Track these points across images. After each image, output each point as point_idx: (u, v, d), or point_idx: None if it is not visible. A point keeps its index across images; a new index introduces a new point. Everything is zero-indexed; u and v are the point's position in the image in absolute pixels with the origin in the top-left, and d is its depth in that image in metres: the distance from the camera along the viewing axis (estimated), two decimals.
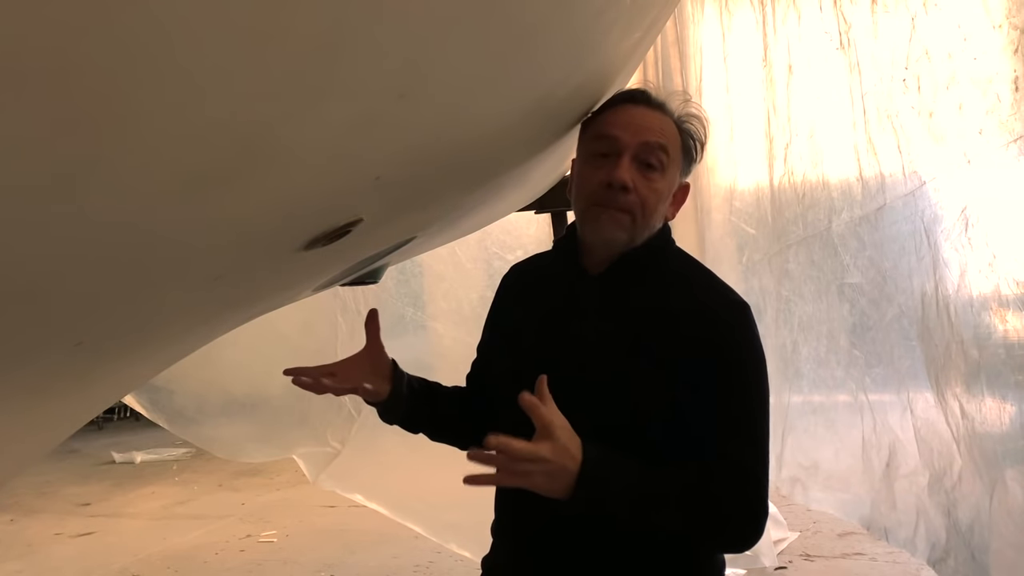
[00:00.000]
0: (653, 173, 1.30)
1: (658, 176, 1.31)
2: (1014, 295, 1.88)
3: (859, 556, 3.92)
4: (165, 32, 0.50)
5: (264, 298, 1.57)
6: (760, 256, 3.29)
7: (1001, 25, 1.86)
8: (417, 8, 0.69)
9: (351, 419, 3.77)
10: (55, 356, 0.97)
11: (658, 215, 1.34)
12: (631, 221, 1.31)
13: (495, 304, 1.58)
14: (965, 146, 2.02)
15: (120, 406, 7.59)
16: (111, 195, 0.65)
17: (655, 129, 1.31)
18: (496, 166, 1.49)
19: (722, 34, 3.46)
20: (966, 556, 2.16)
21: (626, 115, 1.34)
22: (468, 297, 3.81)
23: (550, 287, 1.45)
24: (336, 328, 3.78)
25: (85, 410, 1.63)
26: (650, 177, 1.30)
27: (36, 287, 0.73)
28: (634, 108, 1.34)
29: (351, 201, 1.07)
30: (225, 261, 1.02)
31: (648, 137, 1.30)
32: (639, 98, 1.36)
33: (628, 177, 1.28)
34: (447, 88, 0.89)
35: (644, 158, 1.30)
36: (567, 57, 1.18)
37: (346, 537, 4.70)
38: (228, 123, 0.65)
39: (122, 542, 5.04)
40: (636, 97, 1.36)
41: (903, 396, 2.44)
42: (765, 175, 3.16)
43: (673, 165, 1.33)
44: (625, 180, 1.28)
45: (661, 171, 1.31)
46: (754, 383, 1.32)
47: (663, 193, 1.32)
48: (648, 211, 1.31)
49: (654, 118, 1.33)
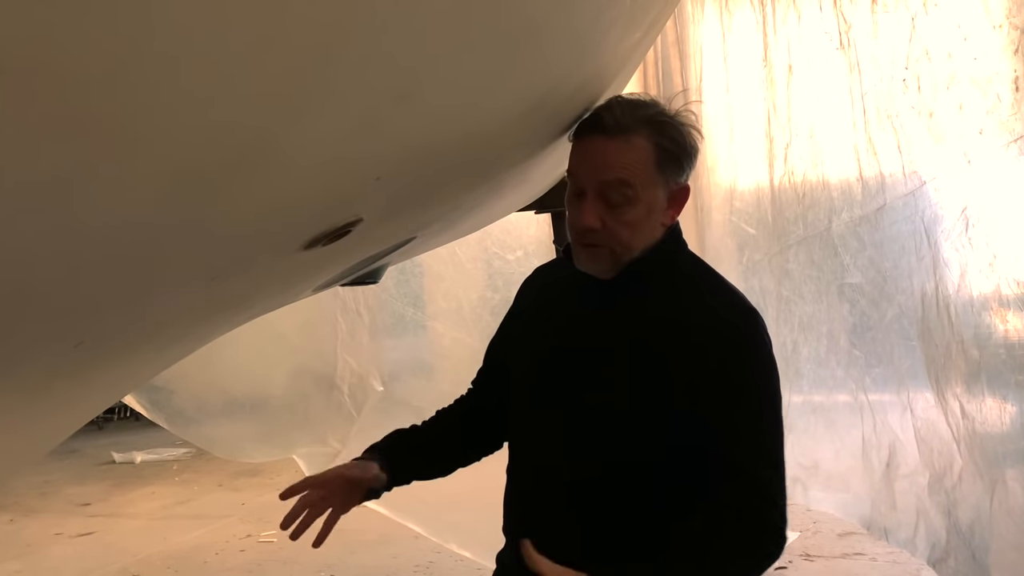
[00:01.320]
0: (620, 208, 1.29)
1: (627, 208, 1.29)
2: (1014, 295, 1.88)
3: (859, 556, 3.92)
4: (166, 33, 0.50)
5: (264, 298, 1.57)
6: (760, 256, 3.29)
7: (1001, 25, 1.86)
8: (417, 10, 0.69)
9: (351, 419, 3.77)
10: (56, 356, 0.97)
11: (643, 235, 1.33)
12: (609, 253, 1.32)
13: (514, 304, 1.58)
14: (965, 146, 2.02)
15: (120, 406, 7.57)
16: (112, 195, 0.65)
17: (611, 165, 1.29)
18: (496, 166, 1.49)
19: (722, 34, 3.46)
20: (966, 556, 2.16)
21: (585, 150, 1.32)
22: (468, 297, 3.81)
23: (564, 292, 1.46)
24: (336, 328, 3.78)
25: (85, 410, 1.63)
26: (617, 212, 1.29)
27: (37, 287, 0.73)
28: (591, 140, 1.31)
29: (351, 201, 1.07)
30: (225, 261, 1.02)
31: (605, 176, 1.28)
32: (595, 127, 1.32)
33: (592, 220, 1.29)
34: (447, 89, 0.89)
35: (606, 196, 1.29)
36: (567, 57, 1.18)
37: (346, 537, 4.67)
38: (228, 124, 0.65)
39: (122, 542, 5.04)
40: (593, 126, 1.32)
41: (903, 396, 2.44)
42: (765, 175, 3.16)
43: (646, 187, 1.30)
44: (589, 224, 1.29)
45: (629, 203, 1.29)
46: (764, 393, 1.32)
47: (638, 220, 1.31)
48: (624, 241, 1.31)
49: (611, 151, 1.29)
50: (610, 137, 1.29)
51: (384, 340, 3.93)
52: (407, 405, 3.77)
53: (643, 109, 1.32)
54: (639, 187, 1.29)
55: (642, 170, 1.30)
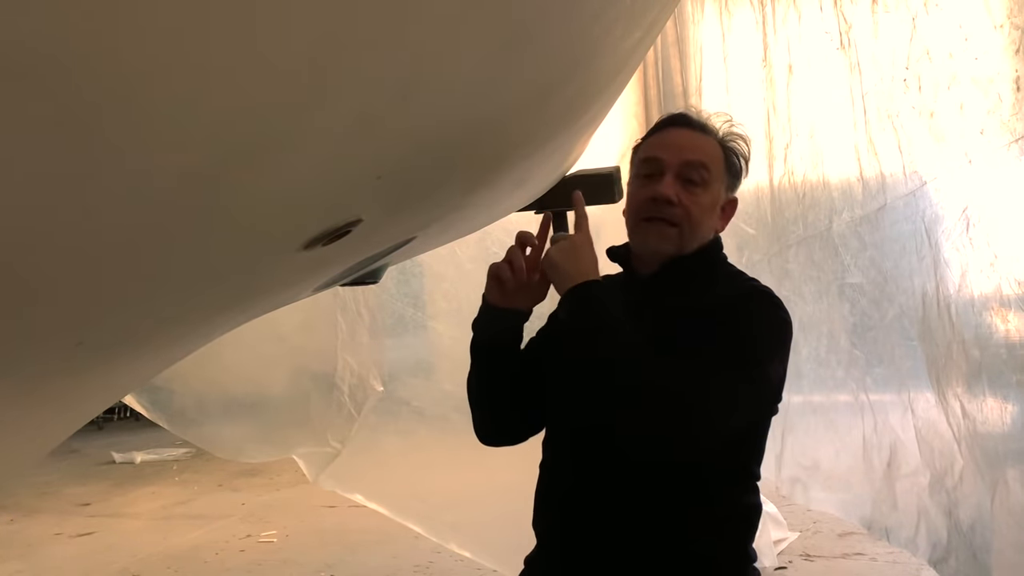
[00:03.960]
0: (696, 188, 1.41)
1: (701, 191, 1.41)
2: (1015, 295, 1.88)
3: (859, 556, 3.92)
4: (164, 29, 0.50)
5: (264, 298, 1.57)
6: (760, 256, 3.29)
7: (1002, 25, 1.86)
8: (418, 8, 0.69)
9: (351, 419, 3.77)
10: (55, 356, 0.97)
11: (705, 227, 1.44)
12: (678, 233, 1.41)
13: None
14: (966, 146, 2.02)
15: (120, 406, 7.58)
16: (112, 194, 0.65)
17: (695, 148, 1.43)
18: (497, 166, 1.49)
19: (722, 34, 3.46)
20: (967, 556, 2.16)
21: (669, 138, 1.46)
22: (468, 297, 3.80)
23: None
24: (336, 328, 3.77)
25: (85, 410, 1.63)
26: (693, 192, 1.41)
27: (37, 287, 0.73)
28: (676, 131, 1.47)
29: (351, 201, 1.07)
30: (225, 261, 1.01)
31: (688, 156, 1.42)
32: (681, 121, 1.48)
33: (672, 192, 1.40)
34: (448, 88, 0.89)
35: (686, 175, 1.41)
36: (567, 57, 1.18)
37: (346, 537, 4.69)
38: (228, 123, 0.65)
39: (122, 542, 5.04)
40: (678, 120, 1.49)
41: (904, 396, 2.44)
42: (765, 175, 3.15)
43: (716, 180, 1.43)
44: (669, 195, 1.40)
45: (703, 186, 1.41)
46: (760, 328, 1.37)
47: (707, 206, 1.42)
48: (694, 222, 1.41)
49: (695, 138, 1.45)
50: (693, 130, 1.47)
51: (384, 340, 3.92)
52: (407, 405, 3.77)
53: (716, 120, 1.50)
54: (712, 176, 1.43)
55: (716, 163, 1.44)
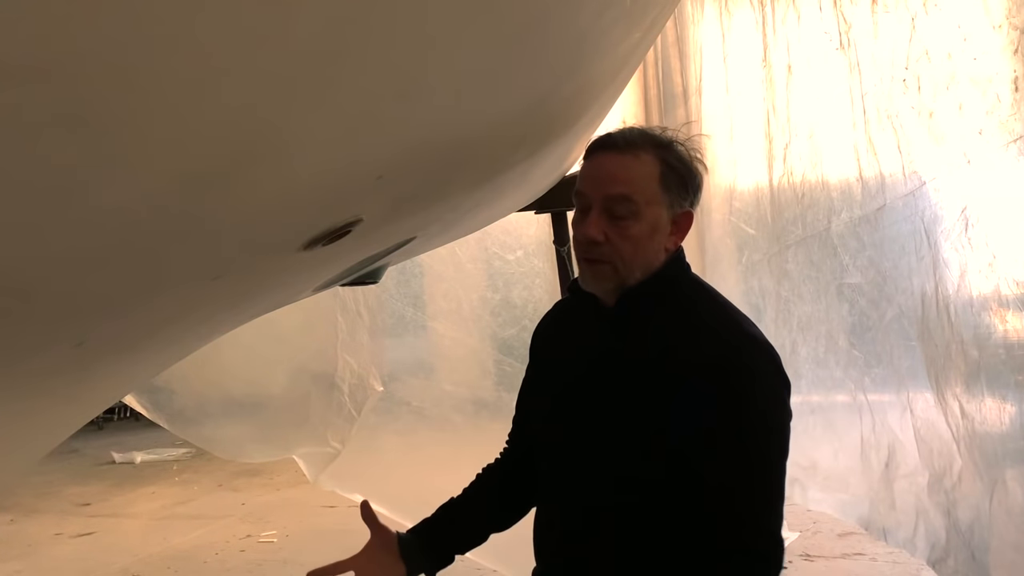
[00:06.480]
0: (623, 221, 1.31)
1: (630, 222, 1.31)
2: (1014, 295, 1.88)
3: (859, 556, 3.92)
4: (168, 31, 0.50)
5: (264, 298, 1.57)
6: (760, 256, 3.29)
7: (1001, 25, 1.86)
8: (418, 9, 0.69)
9: (351, 419, 3.77)
10: (57, 356, 0.98)
11: (647, 253, 1.34)
12: (612, 270, 1.33)
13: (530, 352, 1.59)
14: (965, 146, 2.02)
15: (120, 406, 7.57)
16: (113, 195, 0.65)
17: (616, 180, 1.31)
18: (497, 166, 1.50)
19: (722, 34, 3.46)
20: (966, 556, 2.16)
21: (593, 168, 1.35)
22: (468, 297, 3.81)
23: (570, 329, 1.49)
24: (336, 328, 3.78)
25: (85, 410, 1.63)
26: (620, 225, 1.31)
27: (39, 286, 0.73)
28: (601, 157, 1.34)
29: (352, 200, 1.07)
30: (226, 261, 1.02)
31: (609, 190, 1.31)
32: (606, 144, 1.35)
33: (596, 231, 1.30)
34: (448, 88, 0.90)
35: (610, 209, 1.31)
36: (567, 57, 1.19)
37: (346, 537, 4.66)
38: (229, 123, 0.65)
39: (122, 542, 5.04)
40: (603, 144, 1.35)
41: (903, 396, 2.44)
42: (765, 175, 3.15)
43: (650, 204, 1.32)
44: (593, 235, 1.30)
45: (632, 217, 1.31)
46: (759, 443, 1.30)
47: (641, 236, 1.32)
48: (626, 257, 1.32)
49: (619, 165, 1.32)
50: (618, 152, 1.32)
51: (384, 340, 3.92)
52: (407, 405, 3.77)
53: (652, 131, 1.36)
54: (643, 202, 1.31)
55: (647, 185, 1.32)
